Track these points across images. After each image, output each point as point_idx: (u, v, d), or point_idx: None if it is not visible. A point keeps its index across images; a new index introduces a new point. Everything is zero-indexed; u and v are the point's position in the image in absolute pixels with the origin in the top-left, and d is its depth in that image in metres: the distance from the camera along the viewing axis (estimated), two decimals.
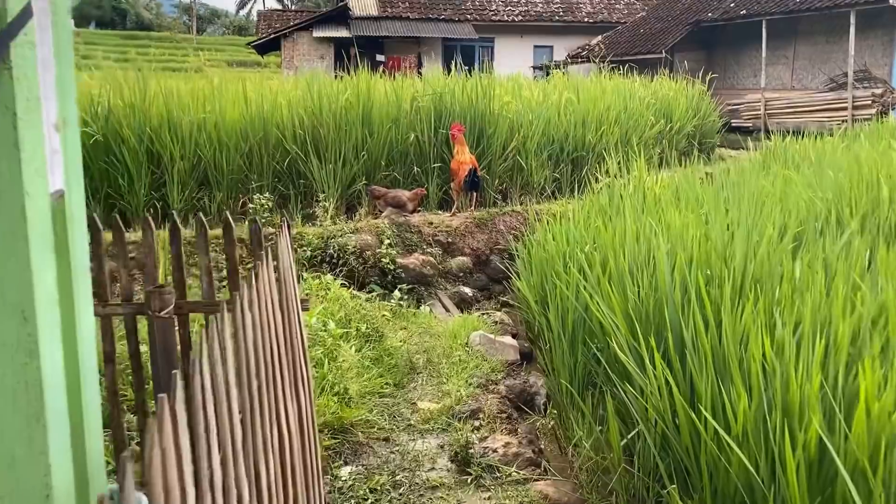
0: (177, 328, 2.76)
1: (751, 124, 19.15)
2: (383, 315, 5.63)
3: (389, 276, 6.67)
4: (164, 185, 7.42)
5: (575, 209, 6.90)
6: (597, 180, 9.12)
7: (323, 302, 5.10)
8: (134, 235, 6.80)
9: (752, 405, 2.59)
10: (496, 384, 4.65)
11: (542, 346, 5.43)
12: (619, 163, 9.43)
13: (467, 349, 5.08)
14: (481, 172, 7.48)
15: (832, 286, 3.21)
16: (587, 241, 5.28)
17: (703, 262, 3.51)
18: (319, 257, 6.57)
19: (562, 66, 19.76)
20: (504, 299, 7.18)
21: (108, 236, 5.83)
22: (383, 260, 6.62)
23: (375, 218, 7.78)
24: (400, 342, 5.17)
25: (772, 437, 2.49)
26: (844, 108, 17.13)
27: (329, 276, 5.94)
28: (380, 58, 22.54)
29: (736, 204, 4.83)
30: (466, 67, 8.84)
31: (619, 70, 13.06)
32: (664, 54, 21.19)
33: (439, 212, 7.94)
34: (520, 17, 25.06)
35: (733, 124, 18.25)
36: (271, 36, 25.42)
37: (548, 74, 16.24)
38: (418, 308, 6.22)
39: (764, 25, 18.70)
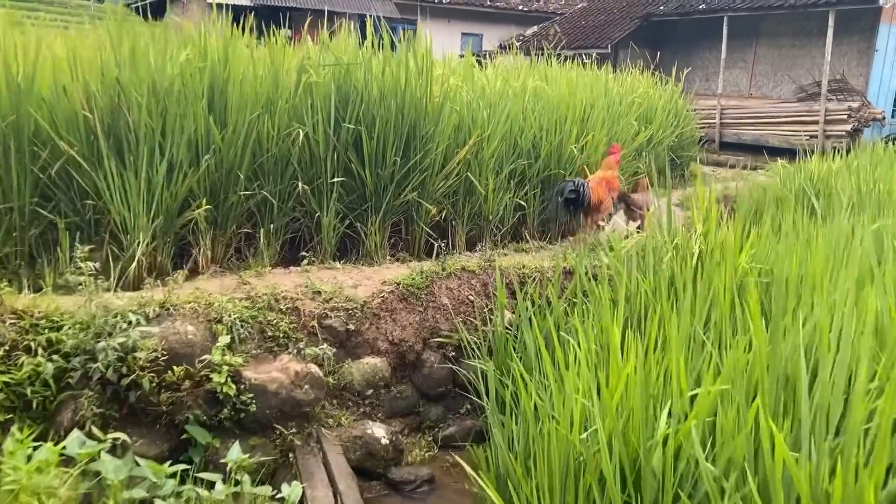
0: None
1: (703, 133, 16.90)
2: None
3: (228, 409, 3.39)
4: None
5: (584, 284, 3.89)
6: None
7: None
8: None
9: None
10: None
11: None
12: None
13: None
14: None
15: None
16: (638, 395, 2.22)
17: None
18: (79, 374, 3.20)
19: (492, 57, 16.82)
20: (447, 433, 4.05)
21: None
22: (215, 377, 3.33)
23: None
24: None
25: None
26: (814, 122, 15.05)
27: (76, 437, 2.65)
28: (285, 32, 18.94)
29: None
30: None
31: (581, 61, 10.16)
32: (609, 50, 18.70)
33: (336, 264, 4.67)
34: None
35: None
36: None
37: (481, 65, 13.22)
38: (277, 492, 2.98)
39: (725, 22, 16.43)
